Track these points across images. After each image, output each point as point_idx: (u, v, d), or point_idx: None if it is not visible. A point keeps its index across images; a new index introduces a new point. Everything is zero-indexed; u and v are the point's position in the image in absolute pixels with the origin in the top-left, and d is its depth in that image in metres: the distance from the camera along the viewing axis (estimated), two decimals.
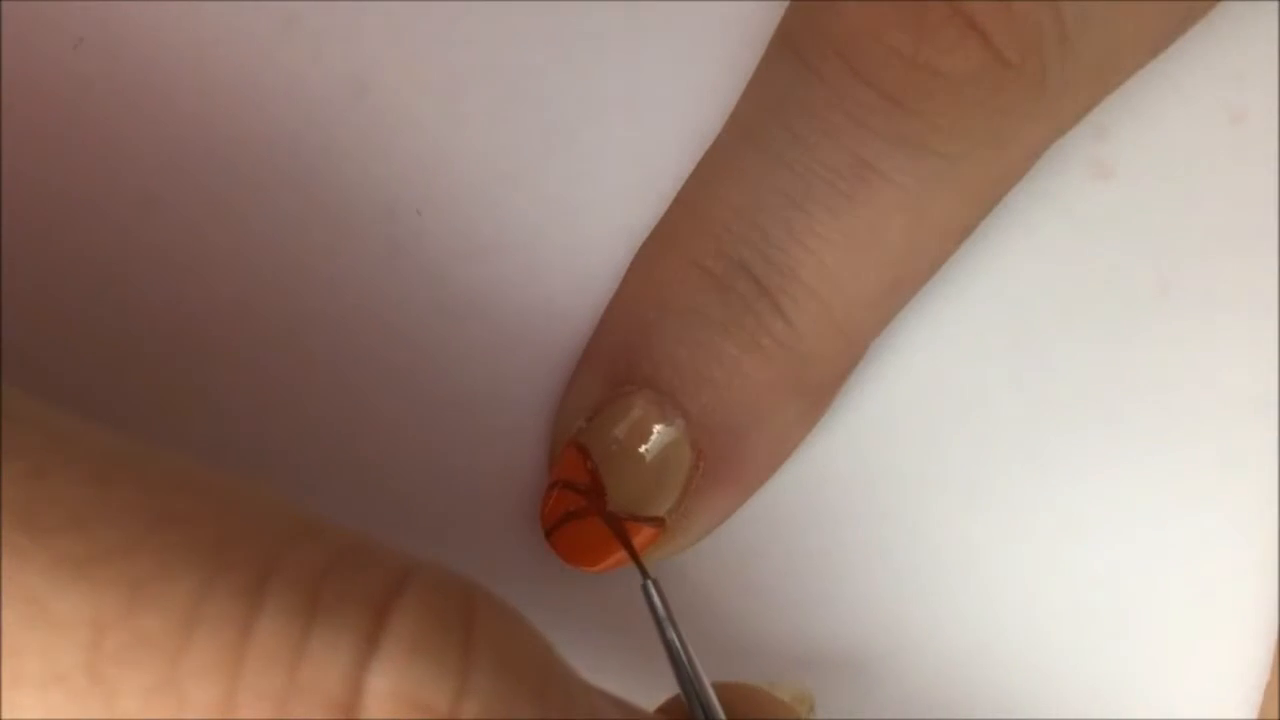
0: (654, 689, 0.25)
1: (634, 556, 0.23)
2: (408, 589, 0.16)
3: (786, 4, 0.23)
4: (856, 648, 0.25)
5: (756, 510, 0.25)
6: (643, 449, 0.23)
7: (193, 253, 0.25)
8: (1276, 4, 0.25)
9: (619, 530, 0.23)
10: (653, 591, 0.21)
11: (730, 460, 0.23)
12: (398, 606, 0.16)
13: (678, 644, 0.21)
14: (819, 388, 0.24)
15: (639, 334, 0.23)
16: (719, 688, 0.20)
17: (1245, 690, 0.25)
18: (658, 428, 0.23)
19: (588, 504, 0.23)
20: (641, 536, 0.23)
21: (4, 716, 0.15)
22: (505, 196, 0.25)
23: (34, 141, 0.25)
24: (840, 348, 0.23)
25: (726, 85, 0.24)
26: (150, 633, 0.15)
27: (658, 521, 0.23)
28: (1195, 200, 0.25)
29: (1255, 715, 0.24)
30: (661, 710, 0.20)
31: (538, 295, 0.25)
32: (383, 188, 0.25)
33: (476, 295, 0.25)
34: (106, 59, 0.25)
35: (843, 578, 0.25)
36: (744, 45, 0.24)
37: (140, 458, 0.16)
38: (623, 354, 0.23)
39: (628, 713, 0.18)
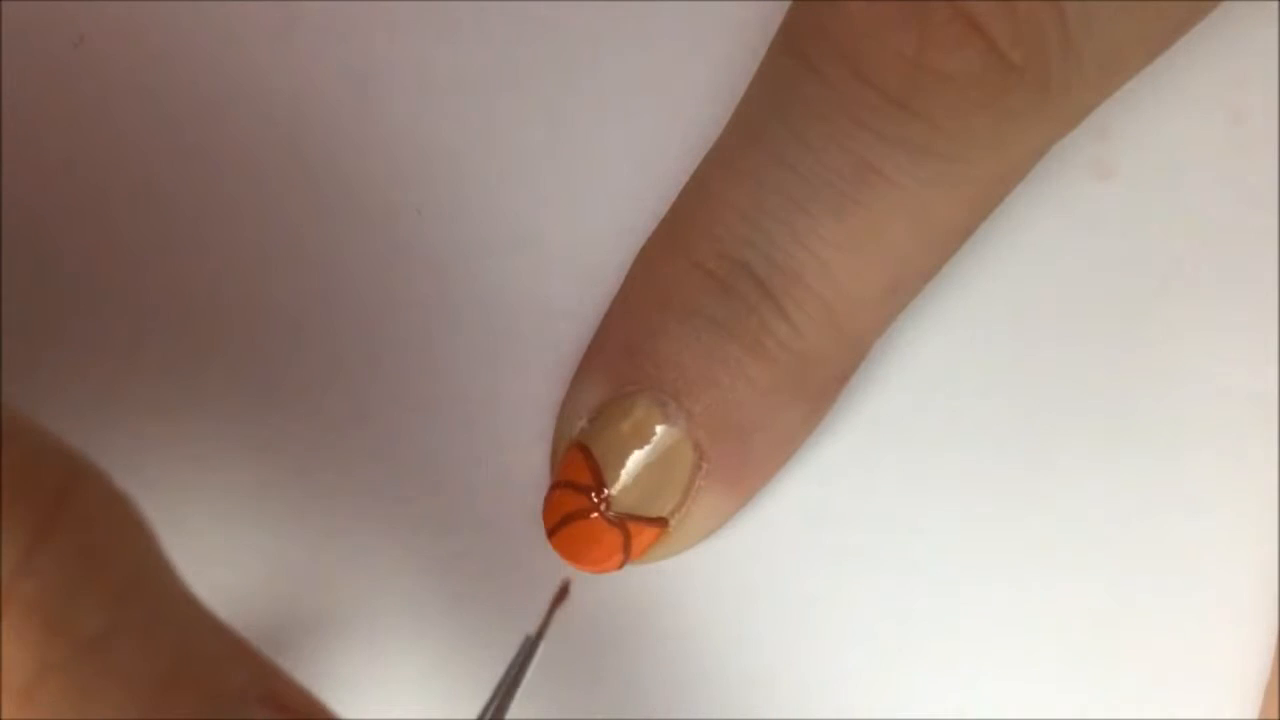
0: (654, 688, 0.25)
1: (549, 614, 0.22)
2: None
3: (787, 4, 0.23)
4: (856, 647, 0.25)
5: (757, 510, 0.25)
6: (645, 449, 0.23)
7: (192, 252, 0.25)
8: (1276, 4, 0.25)
9: (621, 531, 0.23)
10: (537, 649, 0.21)
11: (733, 461, 0.23)
12: None
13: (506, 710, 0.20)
14: (821, 389, 0.24)
15: (641, 334, 0.23)
16: None
17: (1245, 690, 0.25)
18: (660, 428, 0.23)
19: (590, 504, 0.23)
20: (643, 537, 0.23)
21: None
22: (505, 196, 0.25)
23: (34, 141, 0.25)
24: (843, 349, 0.23)
25: (727, 85, 0.24)
26: None
27: (660, 522, 0.23)
28: (1195, 200, 0.25)
29: (1255, 715, 0.25)
30: None
31: (538, 295, 0.25)
32: (383, 187, 0.25)
33: (476, 295, 0.25)
34: (106, 59, 0.25)
35: (842, 577, 0.25)
36: (744, 45, 0.24)
37: None
38: (625, 354, 0.23)
39: (239, 647, 0.17)
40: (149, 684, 0.15)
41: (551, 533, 0.23)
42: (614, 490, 0.23)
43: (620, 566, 0.23)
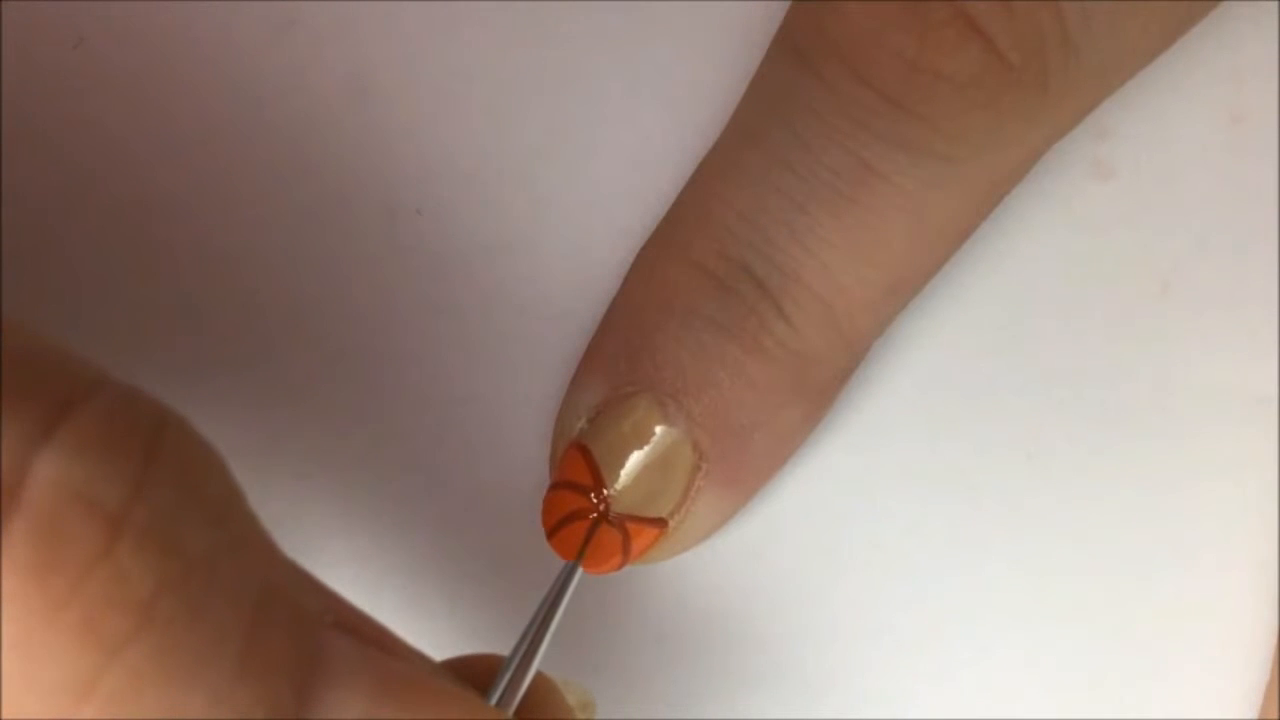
0: (654, 688, 0.25)
1: (585, 542, 0.23)
2: (97, 394, 0.16)
3: (787, 4, 0.23)
4: (855, 647, 0.25)
5: (756, 510, 0.25)
6: (644, 450, 0.23)
7: (192, 252, 0.25)
8: (1276, 4, 0.25)
9: (621, 531, 0.23)
10: (575, 575, 0.22)
11: (732, 461, 0.23)
12: (81, 406, 0.16)
13: (548, 628, 0.21)
14: (821, 389, 0.24)
15: (640, 335, 0.23)
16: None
17: (1245, 690, 0.25)
18: (659, 428, 0.23)
19: (589, 505, 0.23)
20: (643, 537, 0.23)
21: None
22: (505, 196, 0.25)
23: (34, 141, 0.25)
24: (841, 349, 0.23)
25: (726, 85, 0.24)
26: None
27: (660, 522, 0.23)
28: (1195, 200, 0.25)
29: (1255, 715, 0.25)
30: (449, 663, 0.21)
31: (538, 295, 0.25)
32: (383, 188, 0.25)
33: (476, 295, 0.25)
34: (106, 59, 0.25)
35: (842, 578, 0.25)
36: (744, 45, 0.24)
37: None
38: (624, 355, 0.23)
39: (309, 577, 0.18)
40: (248, 602, 0.16)
41: (551, 533, 0.23)
42: (614, 490, 0.23)
43: (620, 567, 0.23)
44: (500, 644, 0.24)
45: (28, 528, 0.15)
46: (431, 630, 0.25)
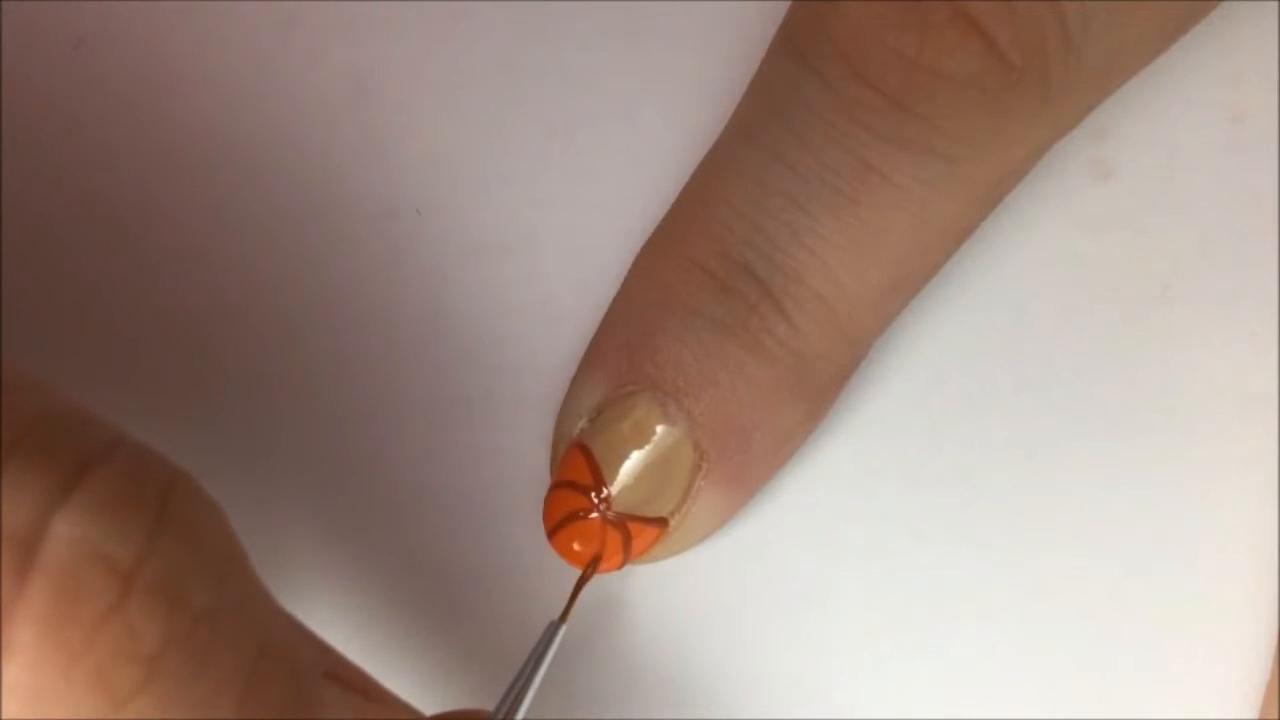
0: (654, 688, 0.25)
1: (573, 598, 0.23)
2: (112, 456, 0.17)
3: (787, 4, 0.23)
4: (855, 648, 0.25)
5: (757, 510, 0.25)
6: (645, 449, 0.23)
7: (192, 252, 0.25)
8: (1276, 4, 0.25)
9: (621, 531, 0.23)
10: (559, 632, 0.22)
11: (733, 461, 0.23)
12: (97, 467, 0.16)
13: (532, 684, 0.21)
14: (821, 389, 0.24)
15: (641, 334, 0.23)
16: None
17: (1245, 690, 0.25)
18: (660, 428, 0.23)
19: (590, 504, 0.23)
20: (644, 537, 0.23)
21: None
22: (505, 196, 0.25)
23: (34, 141, 0.25)
24: (842, 349, 0.23)
25: (726, 85, 0.24)
26: None
27: (660, 522, 0.23)
28: (1195, 200, 0.25)
29: (1255, 715, 0.25)
30: (437, 718, 0.21)
31: (537, 295, 0.25)
32: (383, 188, 0.25)
33: (476, 295, 0.25)
34: (106, 59, 0.25)
35: (841, 578, 0.25)
36: (744, 45, 0.24)
37: None
38: (625, 354, 0.23)
39: (302, 629, 0.19)
40: (247, 654, 0.17)
41: (551, 533, 0.23)
42: (614, 490, 0.23)
43: (620, 566, 0.23)
44: (499, 643, 0.24)
45: (46, 583, 0.16)
46: (431, 631, 0.25)
